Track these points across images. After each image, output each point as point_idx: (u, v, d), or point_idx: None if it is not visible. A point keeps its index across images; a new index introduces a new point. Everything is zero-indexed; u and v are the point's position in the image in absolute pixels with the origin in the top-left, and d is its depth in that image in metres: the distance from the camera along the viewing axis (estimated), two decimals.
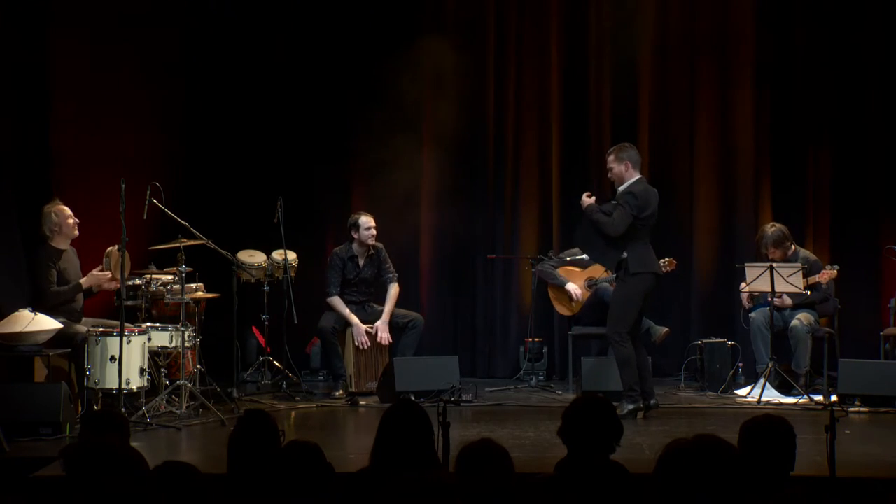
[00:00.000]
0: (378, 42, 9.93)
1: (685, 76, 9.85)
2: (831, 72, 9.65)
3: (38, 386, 7.20)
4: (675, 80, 9.87)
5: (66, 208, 7.81)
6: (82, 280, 7.79)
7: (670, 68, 9.87)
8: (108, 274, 7.74)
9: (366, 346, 8.67)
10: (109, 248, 7.77)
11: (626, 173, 7.60)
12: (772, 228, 8.78)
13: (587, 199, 7.72)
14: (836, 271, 8.65)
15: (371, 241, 8.86)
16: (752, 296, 8.82)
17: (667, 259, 8.64)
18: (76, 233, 7.86)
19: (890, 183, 9.55)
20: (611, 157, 7.68)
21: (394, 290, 8.94)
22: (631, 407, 7.48)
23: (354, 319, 8.71)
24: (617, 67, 9.84)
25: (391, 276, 8.97)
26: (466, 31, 9.94)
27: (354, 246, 8.88)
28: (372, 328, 8.72)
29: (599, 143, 9.73)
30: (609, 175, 7.74)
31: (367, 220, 8.85)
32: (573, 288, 9.11)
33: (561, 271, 9.25)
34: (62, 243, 7.83)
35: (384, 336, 8.72)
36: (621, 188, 7.61)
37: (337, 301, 8.79)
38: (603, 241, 7.67)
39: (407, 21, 9.93)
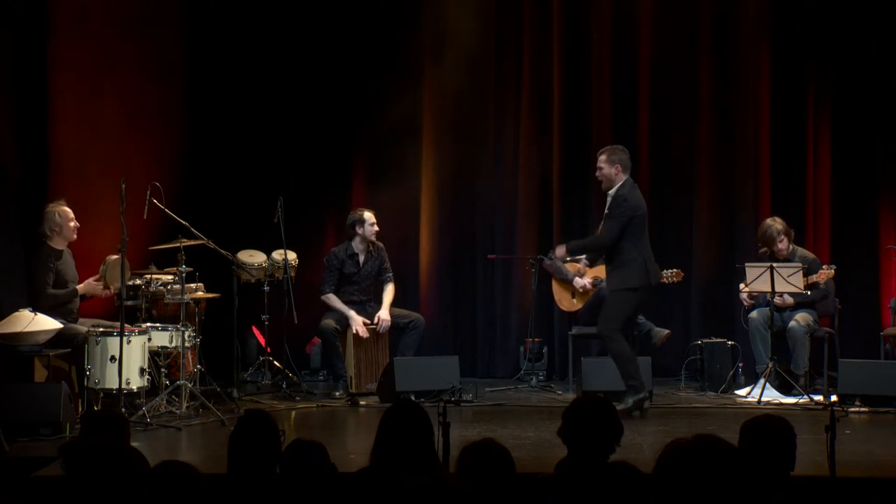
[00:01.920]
0: (378, 43, 9.95)
1: (685, 76, 9.84)
2: (832, 71, 9.65)
3: (38, 386, 7.19)
4: (675, 80, 9.86)
5: (69, 210, 7.83)
6: (79, 286, 7.82)
7: (671, 68, 9.87)
8: (101, 285, 7.77)
9: (365, 336, 8.65)
10: (108, 256, 7.78)
11: (616, 176, 7.67)
12: (777, 220, 8.80)
13: (560, 251, 7.93)
14: (833, 270, 8.64)
15: (373, 237, 8.88)
16: (751, 295, 8.83)
17: (673, 270, 8.63)
18: (75, 236, 7.89)
19: (890, 183, 9.56)
20: (602, 157, 7.73)
21: (390, 287, 8.96)
22: (636, 398, 7.49)
23: (351, 312, 8.70)
24: (618, 67, 9.84)
25: (389, 275, 8.99)
26: (467, 33, 9.93)
27: (355, 242, 8.89)
28: (375, 322, 8.73)
29: (600, 142, 9.67)
30: (598, 174, 7.79)
31: (370, 216, 8.88)
32: (581, 283, 9.09)
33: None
34: (60, 244, 7.84)
35: (385, 322, 8.71)
36: (612, 191, 7.66)
37: (331, 297, 8.79)
38: (616, 269, 7.71)
39: (408, 25, 9.94)
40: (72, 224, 7.83)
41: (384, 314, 8.76)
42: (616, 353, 7.66)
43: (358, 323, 8.66)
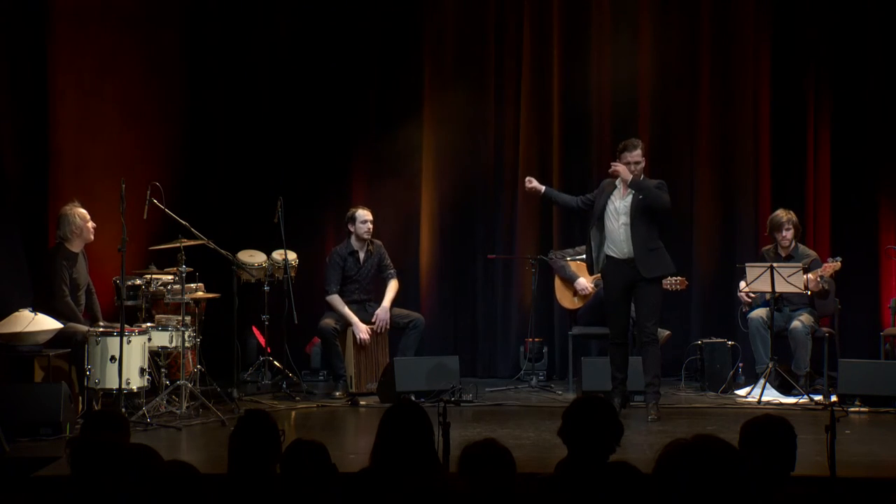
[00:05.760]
0: (378, 44, 9.96)
1: (686, 74, 9.85)
2: (831, 70, 9.65)
3: (38, 386, 7.18)
4: (675, 79, 9.86)
5: (86, 212, 7.78)
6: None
7: (671, 66, 9.86)
8: None
9: (367, 344, 8.67)
10: None
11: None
12: (791, 213, 8.80)
13: (624, 169, 7.49)
14: (839, 263, 8.53)
15: (367, 236, 8.87)
16: (749, 295, 8.82)
17: (679, 278, 8.60)
18: (92, 237, 7.85)
19: (890, 183, 9.55)
20: (637, 152, 7.59)
21: (393, 283, 8.96)
22: (658, 402, 7.60)
23: (354, 318, 8.71)
24: (618, 67, 9.83)
25: (391, 272, 8.99)
26: (466, 33, 9.95)
27: (352, 240, 8.90)
28: (373, 321, 8.73)
29: (600, 142, 9.75)
30: (635, 168, 7.57)
31: (363, 214, 8.86)
32: (582, 286, 9.08)
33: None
34: (77, 247, 7.80)
35: (383, 321, 8.71)
36: (648, 179, 7.61)
37: (336, 299, 8.79)
38: (655, 254, 7.56)
39: (408, 23, 9.95)
40: (90, 225, 7.79)
41: (383, 312, 8.76)
42: (658, 357, 7.63)
43: (361, 330, 8.66)
